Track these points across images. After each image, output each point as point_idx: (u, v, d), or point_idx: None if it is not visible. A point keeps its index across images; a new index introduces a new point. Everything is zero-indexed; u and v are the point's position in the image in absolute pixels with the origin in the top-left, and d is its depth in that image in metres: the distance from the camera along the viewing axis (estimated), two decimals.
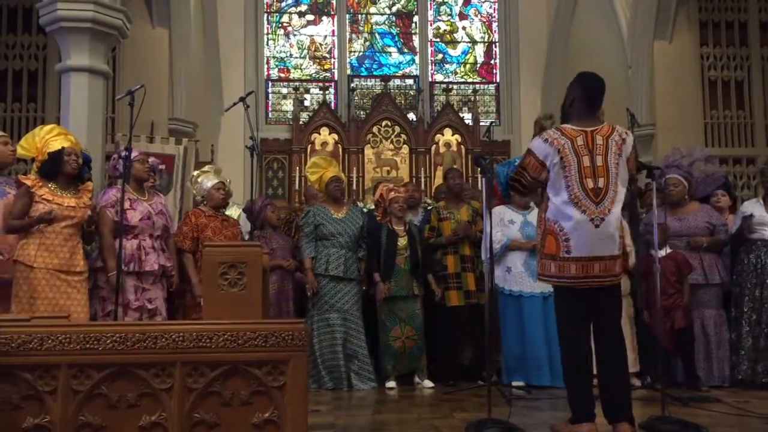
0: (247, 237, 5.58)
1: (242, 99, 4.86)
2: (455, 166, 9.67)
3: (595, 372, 3.61)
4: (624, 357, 3.54)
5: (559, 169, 3.47)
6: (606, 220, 3.44)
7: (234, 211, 6.40)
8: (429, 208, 6.52)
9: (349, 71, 11.66)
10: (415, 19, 11.96)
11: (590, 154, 3.47)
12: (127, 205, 4.53)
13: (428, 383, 5.53)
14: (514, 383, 5.27)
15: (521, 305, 5.41)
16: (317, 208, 5.75)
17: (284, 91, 11.59)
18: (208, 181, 5.22)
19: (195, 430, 2.79)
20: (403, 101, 11.39)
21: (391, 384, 5.49)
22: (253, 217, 5.67)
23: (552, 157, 3.48)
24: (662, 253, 5.41)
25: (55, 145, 4.19)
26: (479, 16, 12.11)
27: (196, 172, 5.53)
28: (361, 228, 5.68)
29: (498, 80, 11.86)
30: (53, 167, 4.20)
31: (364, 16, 11.95)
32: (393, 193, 5.76)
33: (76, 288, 4.21)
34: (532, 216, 5.41)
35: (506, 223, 5.51)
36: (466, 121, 11.00)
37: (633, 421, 3.43)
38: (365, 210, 6.60)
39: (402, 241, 5.61)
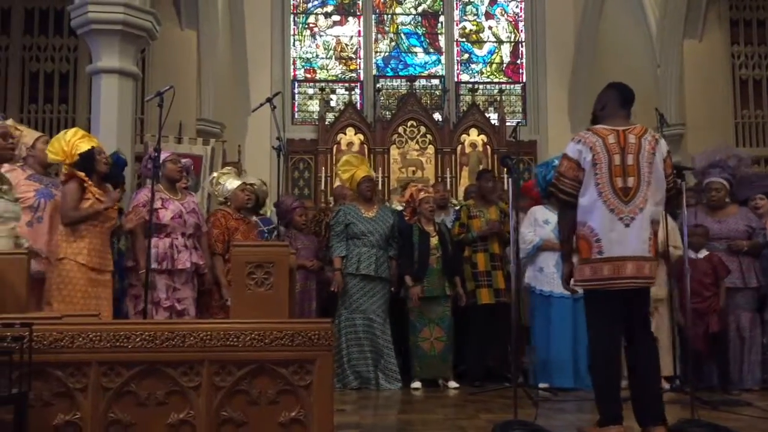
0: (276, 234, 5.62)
1: (269, 100, 4.89)
2: (488, 168, 9.62)
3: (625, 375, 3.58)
4: (656, 362, 3.52)
5: (590, 168, 3.45)
6: (636, 219, 3.41)
7: (268, 211, 6.43)
8: (457, 207, 6.52)
9: (374, 71, 11.67)
10: (441, 19, 11.93)
11: (621, 152, 3.45)
12: (158, 204, 4.59)
13: (453, 384, 5.52)
14: (541, 385, 5.24)
15: (550, 306, 5.38)
16: (348, 207, 5.76)
17: (310, 91, 11.64)
18: (232, 183, 5.25)
19: (222, 428, 2.82)
20: (428, 101, 11.37)
21: (417, 384, 5.49)
22: (281, 215, 5.71)
23: (585, 154, 3.46)
24: (700, 255, 5.35)
25: (84, 146, 4.24)
26: (505, 15, 12.05)
27: (215, 174, 5.56)
28: (391, 227, 5.68)
29: (524, 80, 11.79)
30: (86, 167, 4.25)
31: (389, 16, 11.96)
32: (423, 193, 5.76)
33: (105, 286, 4.27)
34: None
35: (540, 223, 5.49)
36: (492, 122, 10.95)
37: (666, 424, 3.40)
38: (395, 209, 6.58)
39: (434, 241, 5.61)
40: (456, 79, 11.76)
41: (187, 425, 2.81)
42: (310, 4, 11.88)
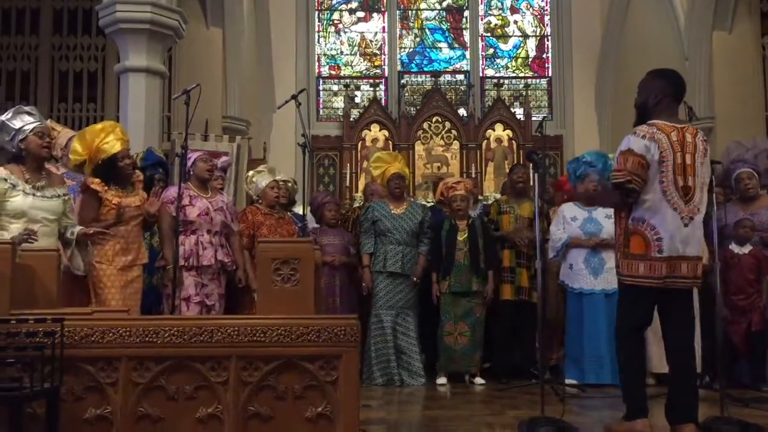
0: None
1: (294, 97, 4.91)
2: (521, 164, 9.55)
3: (654, 371, 3.55)
4: (693, 360, 3.49)
5: (656, 165, 3.37)
6: (694, 219, 3.39)
7: (299, 209, 6.44)
8: (486, 202, 6.49)
9: (399, 67, 11.67)
10: (466, 13, 11.88)
11: (682, 151, 3.39)
12: (186, 201, 4.63)
13: (479, 380, 5.51)
14: (571, 381, 5.20)
15: (581, 302, 5.34)
16: (377, 203, 5.77)
17: (335, 88, 11.67)
18: (263, 181, 5.30)
19: (250, 423, 2.84)
20: (453, 97, 11.34)
21: (442, 380, 5.48)
22: (312, 209, 5.76)
23: (653, 150, 3.36)
24: (745, 250, 5.26)
25: (108, 149, 4.26)
26: (531, 9, 11.97)
27: (251, 172, 5.60)
28: (420, 223, 5.67)
29: (550, 74, 11.70)
30: (108, 171, 4.28)
31: (414, 12, 11.94)
32: (452, 190, 5.75)
33: (135, 281, 4.32)
34: (597, 213, 5.34)
35: (569, 220, 5.45)
36: (518, 116, 10.89)
37: (698, 423, 3.37)
38: (427, 205, 6.56)
39: (461, 236, 5.59)
40: (481, 74, 11.71)
41: (216, 420, 2.84)
42: (334, 1, 11.91)
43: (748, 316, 5.16)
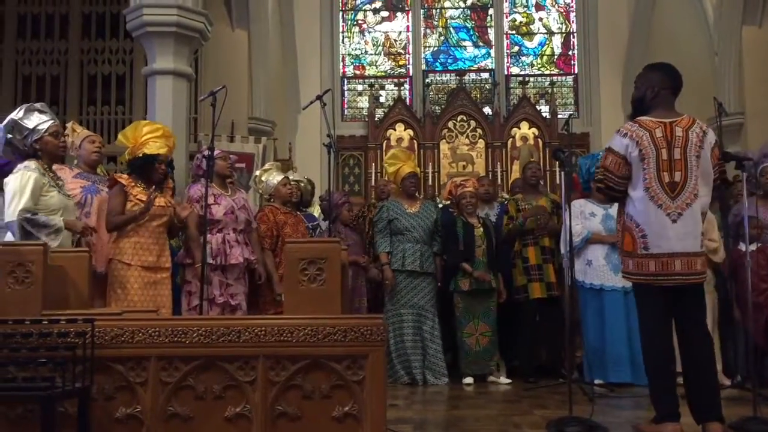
0: (319, 230, 5.66)
1: (319, 97, 4.92)
2: (533, 160, 9.52)
3: (680, 371, 3.50)
4: (711, 357, 3.44)
5: (637, 163, 3.39)
6: (684, 215, 3.35)
7: (316, 209, 6.49)
8: (505, 201, 6.46)
9: (423, 66, 11.65)
10: (491, 11, 11.83)
11: (668, 146, 3.37)
12: (211, 200, 4.67)
13: (505, 380, 5.48)
14: (596, 381, 5.16)
15: (602, 299, 5.29)
16: (390, 202, 5.78)
17: (359, 88, 11.69)
18: (274, 178, 5.30)
19: (278, 422, 2.86)
20: (478, 95, 11.30)
21: (468, 380, 5.47)
22: (329, 210, 5.75)
23: (631, 149, 3.40)
24: (752, 248, 5.18)
25: (152, 148, 4.32)
26: (556, 6, 11.88)
27: (258, 172, 5.61)
28: (435, 222, 5.67)
29: (576, 71, 11.61)
30: (142, 170, 4.34)
31: (438, 10, 11.91)
32: (461, 188, 5.73)
33: (163, 284, 4.36)
34: (614, 210, 5.27)
35: (587, 215, 5.40)
36: (544, 114, 10.82)
37: (723, 420, 3.32)
38: (441, 205, 6.58)
39: (479, 231, 5.58)
40: (506, 72, 11.64)
41: (244, 419, 2.86)
42: (358, 1, 11.93)
43: (766, 311, 5.08)
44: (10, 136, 3.76)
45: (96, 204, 4.38)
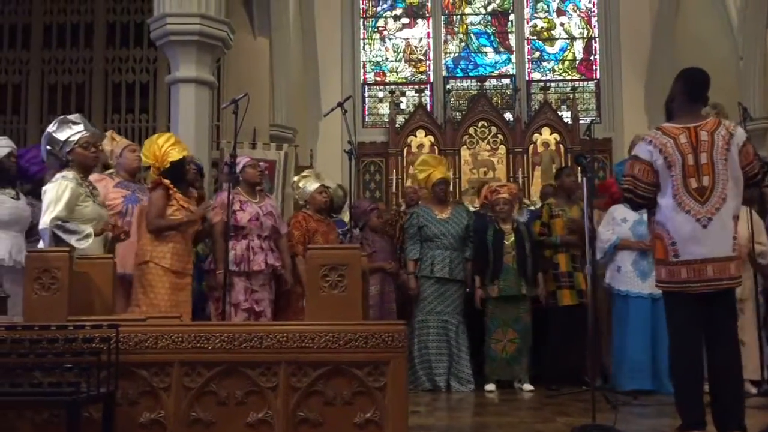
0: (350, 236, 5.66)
1: (340, 104, 4.94)
2: (569, 166, 9.44)
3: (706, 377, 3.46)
4: (738, 366, 3.39)
5: (664, 170, 3.36)
6: (714, 219, 3.30)
7: (347, 216, 6.50)
8: (532, 207, 6.42)
9: (444, 73, 11.66)
10: (511, 17, 11.81)
11: (694, 152, 3.34)
12: (237, 207, 4.70)
13: (528, 386, 5.45)
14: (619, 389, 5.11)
15: (627, 306, 5.24)
16: (421, 209, 5.76)
17: (380, 94, 11.72)
18: (311, 185, 5.32)
19: (299, 428, 2.86)
20: (499, 101, 11.27)
21: (491, 387, 5.44)
22: (357, 217, 5.77)
23: (656, 157, 3.38)
24: None
25: (176, 154, 4.38)
26: (578, 11, 11.83)
27: (296, 177, 5.65)
28: (466, 228, 5.65)
29: (598, 76, 11.54)
30: (176, 175, 4.39)
31: (458, 17, 11.91)
32: (495, 193, 5.71)
33: (186, 290, 4.40)
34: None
35: (618, 221, 5.35)
36: (565, 120, 10.76)
37: (745, 429, 3.28)
38: (470, 209, 6.54)
39: (509, 239, 5.55)
40: (527, 78, 11.61)
41: (266, 425, 2.87)
42: (379, 8, 11.97)
43: None
44: (49, 147, 3.85)
45: (137, 213, 4.43)
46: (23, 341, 2.83)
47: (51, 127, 3.89)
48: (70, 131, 3.85)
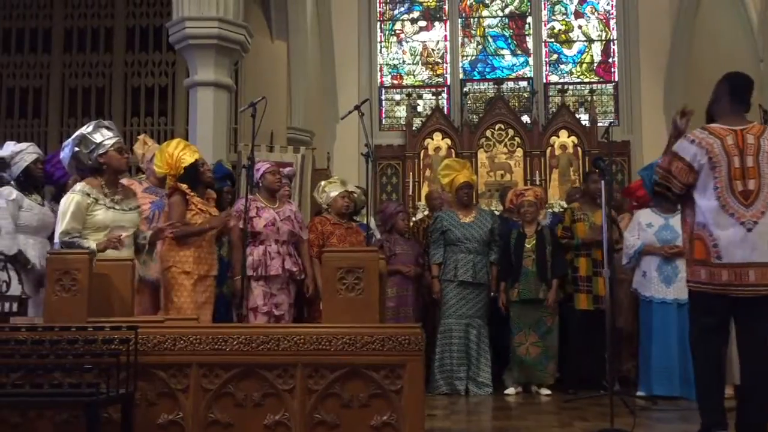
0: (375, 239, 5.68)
1: (357, 107, 4.95)
2: (596, 171, 9.38)
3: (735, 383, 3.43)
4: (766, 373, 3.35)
5: (707, 171, 3.31)
6: (760, 223, 3.26)
7: (362, 218, 6.51)
8: (556, 210, 6.38)
9: (461, 75, 11.64)
10: (529, 20, 11.77)
11: (740, 154, 3.30)
12: (254, 212, 4.72)
13: (545, 391, 5.42)
14: (639, 393, 5.07)
15: (651, 311, 5.20)
16: (446, 213, 5.76)
17: (397, 97, 11.72)
18: (334, 190, 5.34)
19: (316, 430, 2.88)
20: (516, 104, 11.23)
21: (510, 390, 5.42)
22: (384, 220, 5.79)
23: (700, 157, 3.32)
24: None
25: (188, 158, 4.41)
26: (596, 13, 11.77)
27: (323, 183, 5.67)
28: (490, 231, 5.64)
29: (617, 79, 11.47)
30: (191, 179, 4.42)
31: (476, 19, 11.90)
32: (521, 196, 5.71)
33: (209, 292, 4.42)
34: (674, 220, 5.16)
35: (644, 227, 5.30)
36: (583, 122, 10.71)
37: None
38: (496, 212, 6.52)
39: (529, 243, 5.53)
40: (545, 81, 11.56)
41: (283, 426, 2.88)
42: (396, 11, 11.98)
43: None
44: (77, 149, 3.89)
45: (162, 219, 4.47)
46: (44, 342, 2.87)
47: (86, 129, 3.92)
48: (105, 135, 3.90)
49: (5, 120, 9.20)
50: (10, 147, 4.64)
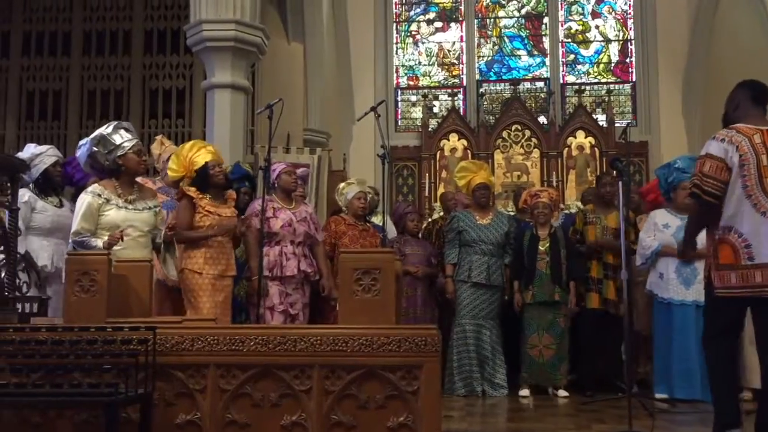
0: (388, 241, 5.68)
1: (373, 108, 4.95)
2: (608, 173, 9.34)
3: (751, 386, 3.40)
4: None
5: (737, 169, 3.29)
6: None
7: (378, 219, 6.52)
8: (569, 212, 6.35)
9: (477, 76, 11.61)
10: (545, 20, 11.72)
11: (767, 153, 3.28)
12: (270, 213, 4.74)
13: (563, 393, 5.39)
14: (659, 396, 5.02)
15: (671, 313, 5.14)
16: (462, 213, 5.75)
17: (413, 98, 11.72)
18: (351, 191, 5.35)
19: (333, 431, 2.88)
20: (533, 104, 11.19)
21: (525, 392, 5.40)
22: (395, 221, 5.80)
23: (732, 154, 3.30)
24: None
25: (199, 161, 4.43)
26: (613, 13, 11.70)
27: (342, 184, 5.69)
28: (506, 234, 5.62)
29: (634, 79, 11.40)
30: (202, 182, 4.44)
31: (492, 20, 11.87)
32: (535, 198, 5.69)
33: (226, 293, 4.45)
34: None
35: (660, 227, 5.24)
36: (601, 123, 10.64)
37: None
38: (512, 214, 6.50)
39: (543, 245, 5.51)
40: (561, 81, 11.51)
41: (300, 427, 2.89)
42: (412, 12, 11.98)
43: None
44: (95, 149, 3.92)
45: (170, 219, 4.50)
46: (63, 342, 2.89)
47: (105, 130, 3.95)
48: (124, 137, 3.94)
49: (25, 122, 9.30)
50: (30, 149, 4.70)
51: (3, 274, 3.26)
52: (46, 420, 2.97)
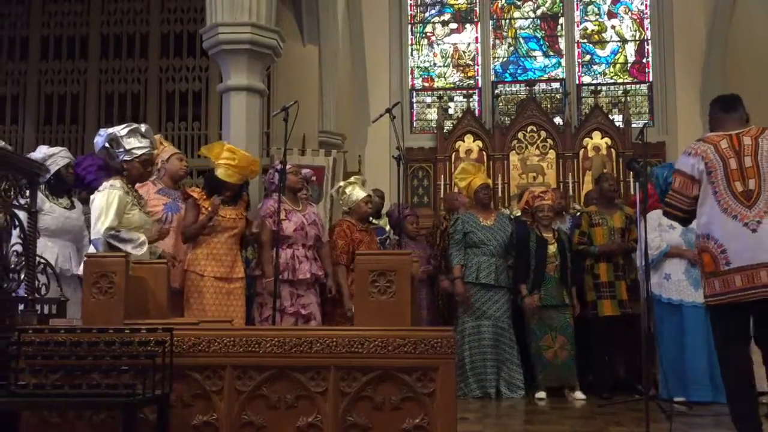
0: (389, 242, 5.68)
1: (388, 110, 4.96)
2: (606, 171, 9.33)
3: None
4: None
5: (705, 177, 3.34)
6: (764, 222, 3.23)
7: (384, 221, 6.53)
8: (577, 213, 6.33)
9: (493, 77, 11.59)
10: (561, 20, 11.68)
11: (737, 156, 3.31)
12: (282, 215, 4.76)
13: (580, 395, 5.37)
14: (676, 399, 4.98)
15: (681, 315, 5.10)
16: (466, 215, 5.75)
17: (428, 100, 11.72)
18: (358, 194, 5.32)
19: None
20: (549, 105, 11.15)
21: (541, 395, 5.38)
22: (393, 223, 5.80)
23: (697, 165, 3.37)
24: None
25: (222, 174, 4.52)
26: (630, 13, 11.63)
27: (342, 183, 5.68)
28: (510, 235, 5.62)
29: (651, 79, 11.32)
30: (211, 187, 4.50)
31: (507, 21, 11.84)
32: (539, 199, 5.66)
33: (235, 295, 4.47)
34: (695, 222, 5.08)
35: (666, 227, 5.20)
36: (617, 124, 10.58)
37: None
38: (512, 217, 6.51)
39: (551, 248, 5.49)
40: (577, 82, 11.46)
41: (315, 429, 2.89)
42: (427, 14, 11.98)
43: None
44: (108, 146, 3.91)
45: (176, 221, 4.53)
46: (82, 344, 2.92)
47: (121, 131, 3.90)
48: (136, 143, 3.88)
49: (44, 126, 9.38)
50: (42, 150, 4.71)
51: (22, 276, 3.29)
52: (64, 420, 2.99)
